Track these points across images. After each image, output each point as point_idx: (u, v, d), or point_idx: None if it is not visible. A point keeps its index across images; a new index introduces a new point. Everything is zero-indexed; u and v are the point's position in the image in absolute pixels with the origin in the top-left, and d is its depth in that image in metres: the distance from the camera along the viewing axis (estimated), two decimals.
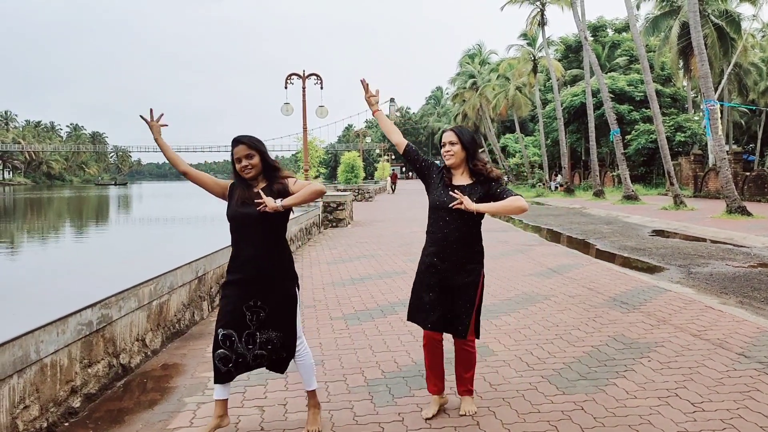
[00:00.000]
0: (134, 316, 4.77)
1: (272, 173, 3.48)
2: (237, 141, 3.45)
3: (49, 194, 76.18)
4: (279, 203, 3.30)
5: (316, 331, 5.84)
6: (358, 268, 9.74)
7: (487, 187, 3.65)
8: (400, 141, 3.88)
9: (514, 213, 3.56)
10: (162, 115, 3.71)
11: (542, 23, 40.34)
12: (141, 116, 3.67)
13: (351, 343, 5.38)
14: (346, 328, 5.92)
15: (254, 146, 3.44)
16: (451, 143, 3.67)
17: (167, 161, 3.68)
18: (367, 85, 3.91)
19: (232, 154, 3.47)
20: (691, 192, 29.97)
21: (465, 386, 3.83)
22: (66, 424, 3.71)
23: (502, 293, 7.48)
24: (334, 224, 17.81)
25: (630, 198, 26.79)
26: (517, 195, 3.58)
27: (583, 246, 13.18)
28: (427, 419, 3.69)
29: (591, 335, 5.48)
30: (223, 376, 3.44)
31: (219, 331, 3.41)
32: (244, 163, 3.42)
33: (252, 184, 3.47)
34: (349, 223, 18.55)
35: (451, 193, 3.58)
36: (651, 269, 9.89)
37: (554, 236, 15.48)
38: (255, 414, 3.83)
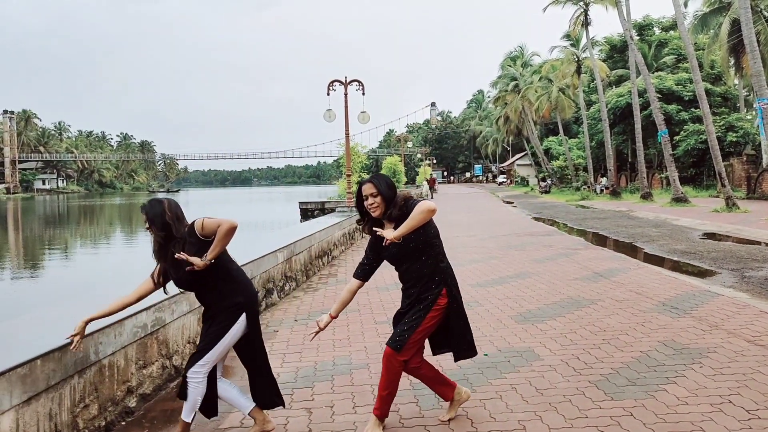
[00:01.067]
0: (185, 319, 4.92)
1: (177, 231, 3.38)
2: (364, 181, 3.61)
3: (110, 201, 78.73)
4: (204, 259, 3.25)
5: (360, 335, 5.90)
6: (386, 277, 9.76)
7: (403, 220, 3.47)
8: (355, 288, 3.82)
9: (426, 218, 3.41)
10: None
11: (586, 23, 39.68)
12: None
13: None
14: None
15: (152, 219, 3.36)
16: (372, 195, 3.53)
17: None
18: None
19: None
20: (744, 193, 28.96)
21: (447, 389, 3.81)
22: (123, 423, 3.86)
23: (548, 297, 7.40)
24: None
25: (679, 200, 26.07)
26: (421, 201, 3.49)
27: (630, 249, 12.92)
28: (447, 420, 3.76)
29: (640, 340, 5.38)
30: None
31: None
32: (370, 202, 3.52)
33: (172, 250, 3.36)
34: None
35: (393, 247, 3.53)
36: (702, 273, 9.62)
37: (600, 240, 15.21)
38: (303, 416, 3.91)
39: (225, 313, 3.41)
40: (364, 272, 3.75)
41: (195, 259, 3.23)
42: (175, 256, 3.28)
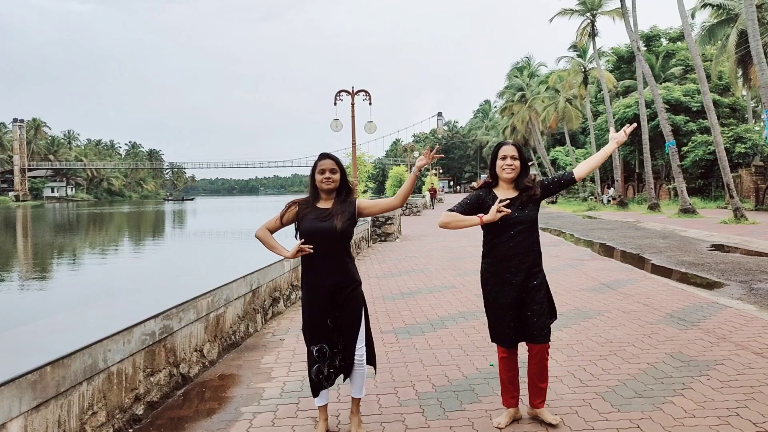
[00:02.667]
0: (193, 328, 4.94)
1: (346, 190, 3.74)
2: (325, 155, 3.71)
3: (119, 210, 79.10)
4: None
5: None
6: (408, 282, 9.78)
7: (531, 194, 3.72)
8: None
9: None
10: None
11: (593, 34, 39.76)
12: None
13: (402, 357, 5.42)
14: (396, 342, 5.97)
15: (339, 164, 3.70)
16: (513, 158, 3.71)
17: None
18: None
19: (315, 166, 3.70)
20: (753, 205, 28.81)
21: (540, 398, 3.81)
22: (130, 430, 3.88)
23: None
24: (383, 238, 17.92)
25: (687, 211, 25.97)
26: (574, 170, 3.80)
27: (637, 261, 12.87)
28: (500, 429, 3.76)
29: (647, 352, 5.36)
30: (319, 387, 3.65)
31: (312, 348, 3.60)
32: (327, 175, 3.63)
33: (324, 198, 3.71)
34: (397, 237, 18.63)
35: (504, 207, 3.62)
36: (710, 285, 9.58)
37: (607, 250, 15.17)
38: (309, 425, 3.91)
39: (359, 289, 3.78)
40: (461, 212, 3.77)
41: None
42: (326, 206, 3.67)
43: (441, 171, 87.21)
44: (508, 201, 3.65)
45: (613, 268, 10.89)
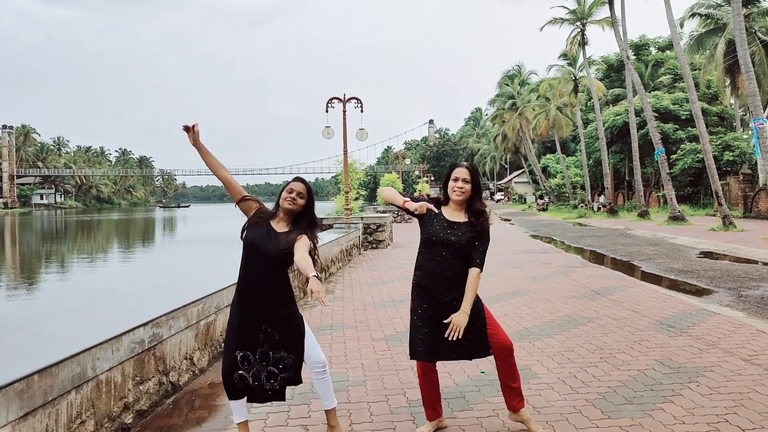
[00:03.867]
0: (183, 335, 4.91)
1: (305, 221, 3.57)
2: (300, 179, 3.61)
3: (108, 217, 78.62)
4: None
5: (358, 352, 5.89)
6: (399, 289, 9.78)
7: (476, 236, 3.64)
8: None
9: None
10: (196, 123, 3.70)
11: (583, 43, 40.06)
12: (183, 127, 3.66)
13: (393, 365, 5.42)
14: (387, 349, 5.96)
15: (310, 192, 3.60)
16: (465, 181, 3.64)
17: (209, 170, 3.74)
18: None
19: (287, 183, 3.59)
20: (741, 212, 29.06)
21: (517, 397, 3.75)
22: None
23: (545, 315, 7.40)
24: (374, 246, 17.92)
25: (676, 219, 26.16)
26: (479, 268, 3.61)
27: (627, 268, 12.94)
28: None
29: (637, 359, 5.38)
30: (238, 392, 3.55)
31: (237, 353, 3.50)
32: (294, 196, 3.52)
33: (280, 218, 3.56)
34: (388, 244, 18.64)
35: (449, 230, 3.61)
36: (699, 292, 9.64)
37: (597, 258, 15.23)
38: None
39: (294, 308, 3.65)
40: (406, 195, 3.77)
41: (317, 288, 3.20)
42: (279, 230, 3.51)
43: (432, 178, 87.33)
44: (434, 212, 3.60)
45: (603, 276, 10.94)
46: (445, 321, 3.58)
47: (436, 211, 3.63)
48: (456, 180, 3.67)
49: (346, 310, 8.12)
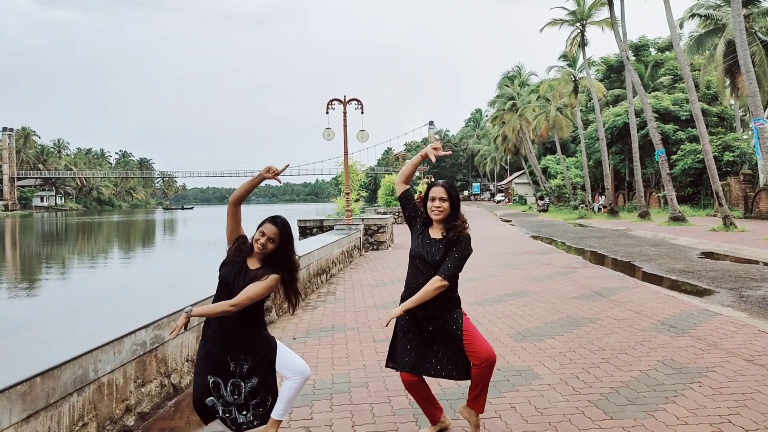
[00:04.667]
0: (184, 338, 4.91)
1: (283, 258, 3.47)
2: (270, 221, 3.46)
3: (108, 219, 78.61)
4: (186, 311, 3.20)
5: (359, 354, 5.89)
6: (400, 290, 9.71)
7: (448, 248, 3.59)
8: (404, 186, 3.84)
9: (434, 295, 3.51)
10: (287, 166, 3.60)
11: (582, 44, 40.06)
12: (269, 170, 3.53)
13: None
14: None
15: (285, 234, 3.45)
16: (442, 199, 3.62)
17: (236, 189, 3.58)
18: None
19: (260, 225, 3.45)
20: (741, 213, 29.05)
21: (477, 402, 3.66)
22: None
23: (546, 316, 7.40)
24: (375, 247, 17.91)
25: (677, 219, 26.14)
26: (441, 275, 3.51)
27: (628, 268, 12.93)
28: None
29: (639, 359, 5.38)
30: (210, 416, 3.45)
31: (208, 378, 3.40)
32: (263, 241, 3.39)
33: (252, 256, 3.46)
34: (389, 245, 18.63)
35: (427, 246, 3.61)
36: (700, 292, 9.63)
37: (598, 258, 15.22)
38: None
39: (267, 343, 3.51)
40: (409, 196, 3.81)
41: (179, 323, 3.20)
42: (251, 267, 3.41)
43: (433, 179, 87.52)
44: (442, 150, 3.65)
45: (604, 276, 10.93)
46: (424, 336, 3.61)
47: (443, 152, 3.67)
48: (433, 200, 3.64)
49: (348, 312, 8.12)
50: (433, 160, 3.67)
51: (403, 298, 3.68)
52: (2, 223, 69.19)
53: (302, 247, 11.76)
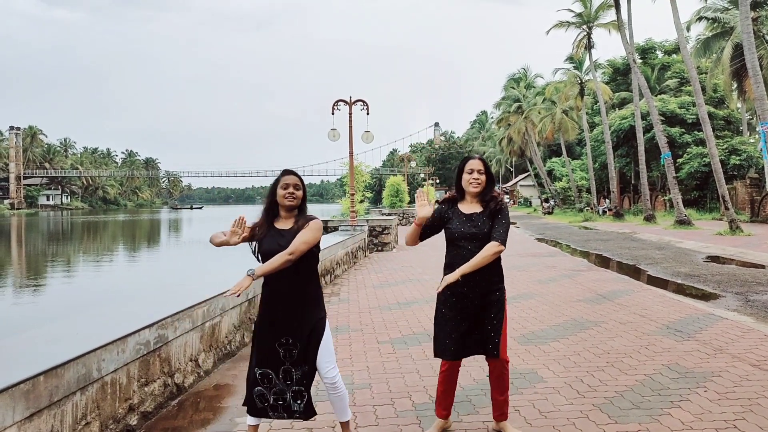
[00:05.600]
0: (188, 337, 4.91)
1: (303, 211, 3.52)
2: (288, 171, 3.54)
3: (114, 218, 78.84)
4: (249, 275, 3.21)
5: (363, 355, 5.87)
6: (404, 292, 9.76)
7: (494, 216, 3.65)
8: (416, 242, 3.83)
9: (491, 260, 3.55)
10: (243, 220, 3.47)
11: (589, 46, 39.99)
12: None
13: (398, 368, 5.40)
14: (393, 352, 5.94)
15: (302, 182, 3.53)
16: (480, 172, 3.70)
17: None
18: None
19: (278, 181, 3.48)
20: (748, 217, 28.92)
21: (500, 410, 3.80)
22: None
23: (551, 319, 7.37)
24: (380, 248, 17.90)
25: (682, 223, 26.03)
26: (497, 241, 3.55)
27: (633, 272, 12.87)
28: None
29: (644, 363, 5.35)
30: (258, 412, 3.49)
31: (255, 370, 3.46)
32: (291, 190, 3.45)
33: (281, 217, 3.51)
34: (394, 247, 18.61)
35: (468, 223, 3.64)
36: (706, 296, 9.58)
37: (603, 261, 15.17)
38: None
39: (320, 316, 3.53)
40: (428, 230, 3.79)
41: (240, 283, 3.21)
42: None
43: (438, 181, 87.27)
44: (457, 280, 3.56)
45: (609, 279, 10.89)
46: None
47: (431, 207, 3.65)
48: (471, 172, 3.71)
49: (352, 313, 8.10)
50: (429, 213, 3.64)
51: (455, 285, 3.66)
52: (8, 222, 69.49)
53: None
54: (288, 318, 3.40)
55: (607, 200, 42.77)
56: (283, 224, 3.48)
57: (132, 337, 3.99)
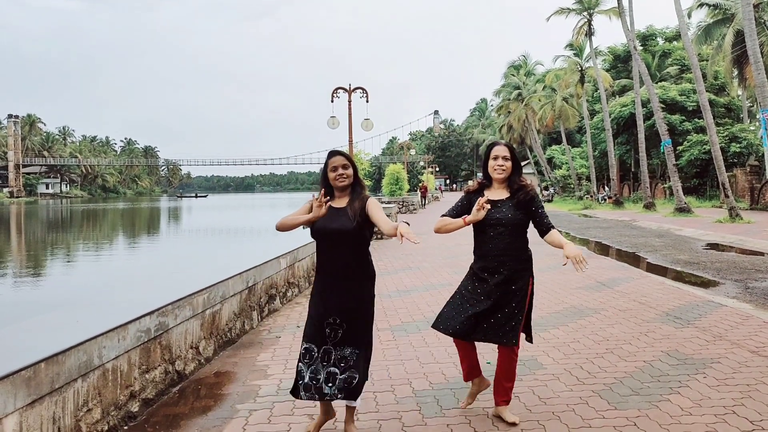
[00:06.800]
0: (189, 325, 4.92)
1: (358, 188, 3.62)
2: (335, 152, 3.62)
3: (114, 206, 78.78)
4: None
5: None
6: (404, 279, 9.77)
7: (526, 206, 3.73)
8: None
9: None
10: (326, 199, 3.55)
11: (589, 33, 39.82)
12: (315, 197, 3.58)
13: (398, 355, 5.41)
14: (393, 340, 5.96)
15: (350, 159, 3.61)
16: (505, 158, 3.74)
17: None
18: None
19: (326, 165, 3.59)
20: (747, 204, 28.93)
21: (506, 396, 3.83)
22: (125, 427, 3.85)
23: (551, 306, 7.39)
24: (379, 236, 17.90)
25: (682, 210, 26.04)
26: (549, 229, 3.76)
27: (633, 259, 12.89)
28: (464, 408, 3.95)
29: (643, 350, 5.36)
30: (295, 390, 3.57)
31: (302, 344, 3.57)
32: (340, 171, 3.55)
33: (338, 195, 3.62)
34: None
35: (493, 210, 3.70)
36: (705, 284, 9.60)
37: (603, 249, 15.19)
38: (305, 422, 3.90)
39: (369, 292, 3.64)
40: (452, 215, 3.85)
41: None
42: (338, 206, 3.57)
43: (437, 169, 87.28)
44: (488, 200, 3.67)
45: (609, 267, 10.90)
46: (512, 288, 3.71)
47: (488, 206, 3.67)
48: (496, 158, 3.75)
49: None
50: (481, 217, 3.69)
51: (474, 269, 3.78)
52: (8, 210, 69.47)
53: (306, 235, 11.76)
54: (339, 295, 3.49)
55: (607, 188, 42.77)
56: (338, 203, 3.59)
57: (132, 324, 3.99)
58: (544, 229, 3.76)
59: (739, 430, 3.60)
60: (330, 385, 3.45)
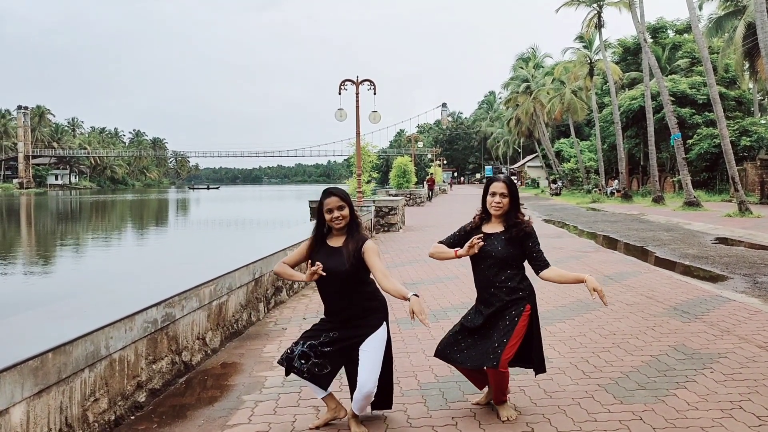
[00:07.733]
0: (195, 316, 4.94)
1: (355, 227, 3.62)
2: (328, 193, 3.59)
3: (122, 198, 79.14)
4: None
5: None
6: (411, 273, 9.77)
7: (520, 242, 3.73)
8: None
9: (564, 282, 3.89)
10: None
11: (599, 25, 39.47)
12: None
13: (404, 347, 5.42)
14: (399, 332, 5.96)
15: (346, 199, 3.59)
16: (502, 195, 3.72)
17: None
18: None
19: (321, 203, 3.58)
20: (757, 198, 28.71)
21: (503, 397, 3.81)
22: (132, 417, 3.88)
23: (557, 300, 7.37)
24: (386, 229, 17.91)
25: (691, 204, 25.87)
26: (544, 267, 3.78)
27: (641, 253, 12.83)
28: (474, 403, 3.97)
29: (650, 344, 5.35)
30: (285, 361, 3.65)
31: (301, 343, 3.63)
32: (336, 213, 3.54)
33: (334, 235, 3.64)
34: (401, 227, 18.62)
35: (485, 242, 3.72)
36: (714, 278, 9.55)
37: (611, 243, 15.12)
38: (311, 414, 3.91)
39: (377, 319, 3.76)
40: (448, 244, 3.93)
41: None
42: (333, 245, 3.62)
43: (445, 162, 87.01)
44: (482, 237, 3.69)
45: (616, 261, 10.86)
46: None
47: (482, 242, 3.69)
48: (494, 195, 3.75)
49: None
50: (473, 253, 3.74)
51: (477, 301, 3.84)
52: (18, 201, 69.93)
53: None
54: (349, 329, 3.60)
55: (616, 181, 42.52)
56: (335, 242, 3.61)
57: (140, 315, 4.01)
58: (540, 264, 3.74)
59: (746, 426, 3.59)
60: (302, 361, 3.57)
